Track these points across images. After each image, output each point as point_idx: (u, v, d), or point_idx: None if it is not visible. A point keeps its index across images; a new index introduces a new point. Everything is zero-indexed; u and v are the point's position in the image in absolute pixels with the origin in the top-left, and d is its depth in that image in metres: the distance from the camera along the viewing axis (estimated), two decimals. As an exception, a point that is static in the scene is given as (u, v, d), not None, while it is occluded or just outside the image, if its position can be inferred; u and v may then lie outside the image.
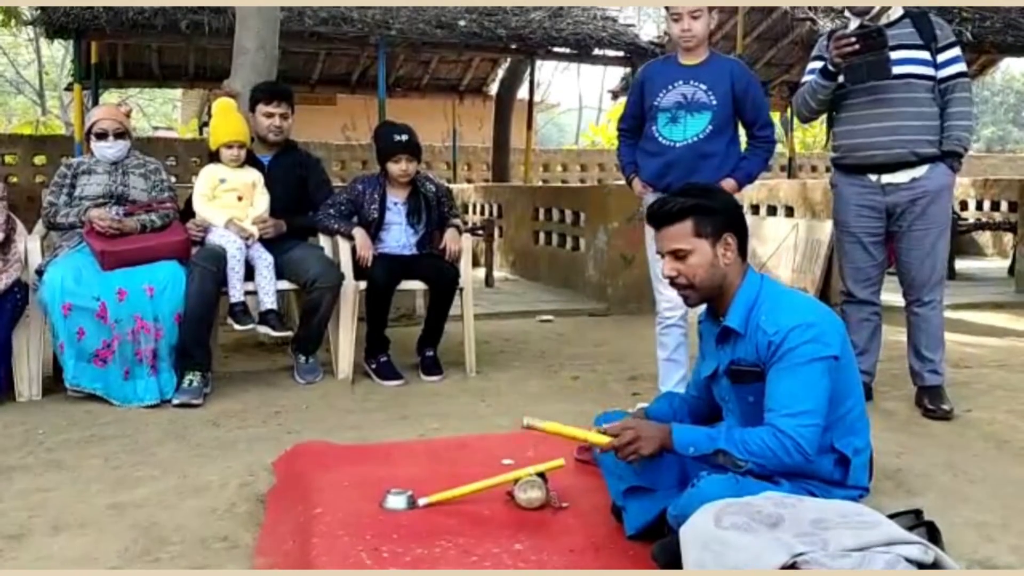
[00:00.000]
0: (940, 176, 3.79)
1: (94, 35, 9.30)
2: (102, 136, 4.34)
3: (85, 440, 3.53)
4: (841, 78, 3.74)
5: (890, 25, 3.77)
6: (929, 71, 3.74)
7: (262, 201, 4.48)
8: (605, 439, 2.47)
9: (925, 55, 3.74)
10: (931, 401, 3.84)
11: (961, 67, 3.79)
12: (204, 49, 10.52)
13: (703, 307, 2.66)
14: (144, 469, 3.18)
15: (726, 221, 2.49)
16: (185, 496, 2.91)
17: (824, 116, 4.00)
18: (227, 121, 4.47)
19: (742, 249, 2.53)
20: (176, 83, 13.62)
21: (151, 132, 22.23)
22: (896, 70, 3.68)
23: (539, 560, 2.31)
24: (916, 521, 2.36)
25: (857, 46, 3.62)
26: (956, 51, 3.79)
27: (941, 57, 3.75)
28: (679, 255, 2.49)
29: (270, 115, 4.63)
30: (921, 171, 3.77)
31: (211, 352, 4.31)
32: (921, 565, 1.87)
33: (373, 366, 4.41)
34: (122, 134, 4.39)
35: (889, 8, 3.81)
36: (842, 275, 4.06)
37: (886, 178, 3.81)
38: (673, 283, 2.55)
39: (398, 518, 2.57)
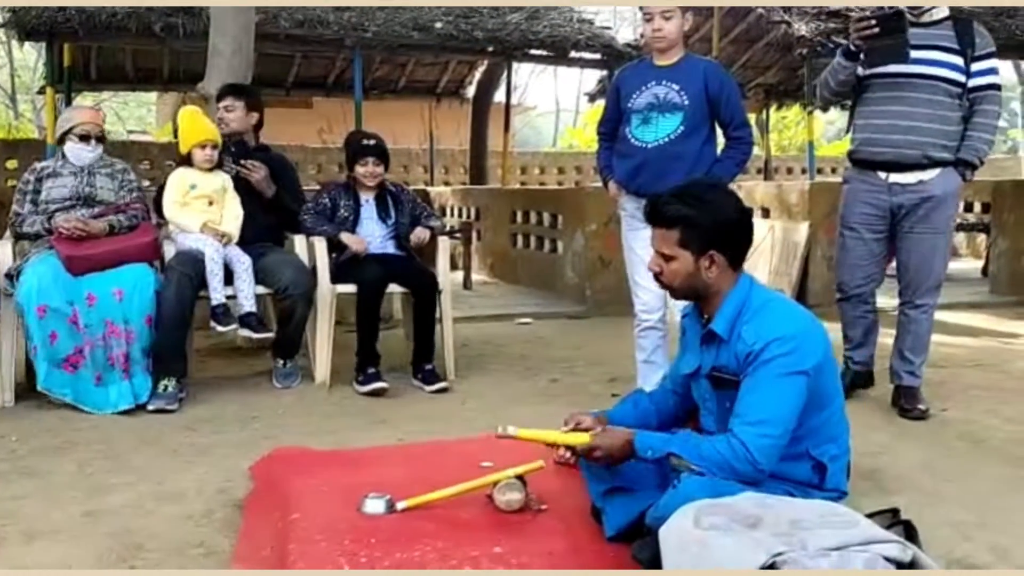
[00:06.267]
0: (948, 182, 3.78)
1: (67, 37, 9.18)
2: (85, 138, 4.30)
3: (58, 446, 3.48)
4: (862, 59, 3.76)
5: (931, 24, 3.77)
6: (959, 77, 3.72)
7: (232, 205, 4.44)
8: (583, 437, 2.48)
9: (958, 60, 3.72)
10: (907, 401, 3.87)
11: (994, 79, 3.78)
12: (179, 52, 10.41)
13: (687, 302, 2.66)
14: (119, 476, 3.14)
15: (713, 239, 2.45)
16: (161, 503, 2.88)
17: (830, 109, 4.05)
18: (195, 123, 4.43)
19: (736, 259, 2.50)
20: (150, 86, 13.50)
21: (126, 136, 22.06)
22: (924, 70, 3.69)
23: (519, 563, 2.31)
24: (893, 520, 2.38)
25: (876, 28, 3.62)
26: (992, 62, 3.78)
27: (975, 66, 3.74)
28: (664, 257, 2.50)
29: (220, 111, 4.72)
30: (930, 174, 3.76)
31: (187, 357, 4.27)
32: (899, 564, 1.88)
33: (360, 378, 4.35)
34: (101, 138, 4.37)
35: (933, 8, 3.78)
36: (838, 271, 4.06)
37: (894, 177, 3.80)
38: (656, 278, 2.58)
39: (376, 523, 2.56)
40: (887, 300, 4.12)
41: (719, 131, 3.86)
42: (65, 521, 2.73)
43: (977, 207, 9.99)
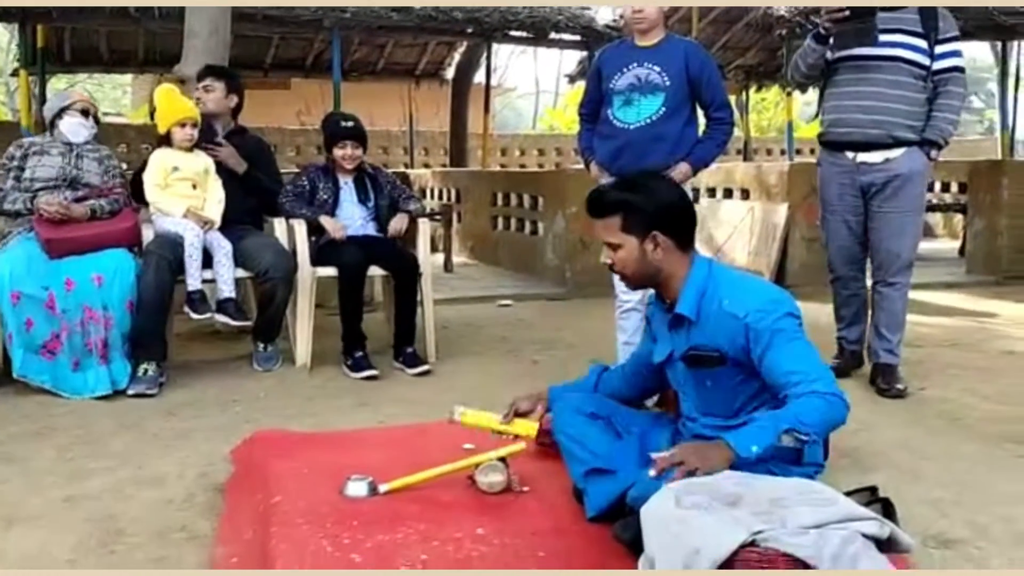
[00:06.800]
0: (914, 161, 3.85)
1: (40, 19, 9.08)
2: (85, 113, 4.31)
3: (37, 432, 3.46)
4: (831, 43, 3.86)
5: (897, 8, 3.83)
6: (922, 59, 3.80)
7: (215, 188, 4.41)
8: (531, 427, 2.61)
9: (922, 43, 3.80)
10: (884, 380, 3.91)
11: (958, 61, 3.85)
12: (154, 33, 10.31)
13: (652, 291, 2.68)
14: (99, 461, 3.12)
15: (654, 220, 2.48)
16: (142, 487, 2.87)
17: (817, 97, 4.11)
18: (173, 101, 4.38)
19: (682, 241, 2.52)
20: (126, 68, 13.35)
21: (102, 118, 21.77)
22: (889, 52, 3.77)
23: (501, 543, 2.31)
24: (872, 498, 2.40)
25: (847, 12, 3.72)
26: (956, 45, 3.86)
27: (939, 49, 3.81)
28: (611, 246, 2.53)
29: (199, 91, 4.71)
30: (895, 153, 3.84)
31: (167, 341, 4.25)
32: (877, 540, 1.90)
33: (349, 363, 4.35)
34: (89, 113, 4.38)
35: None
36: (828, 253, 4.14)
37: (861, 157, 3.89)
38: (611, 269, 2.60)
39: (358, 505, 2.56)
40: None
41: (700, 113, 3.87)
42: (45, 506, 2.71)
43: (954, 187, 10.07)
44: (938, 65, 3.82)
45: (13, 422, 3.58)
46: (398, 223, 4.58)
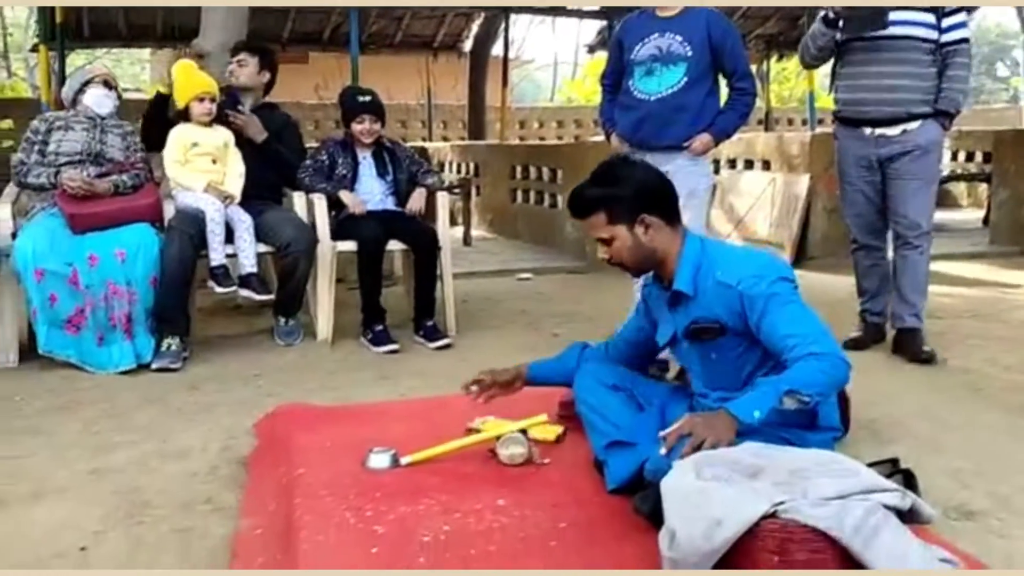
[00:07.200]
0: (930, 131, 3.94)
1: (59, -6, 9.07)
2: (107, 84, 4.34)
3: (63, 406, 3.50)
4: (840, 26, 3.93)
5: None
6: (931, 34, 3.89)
7: (235, 162, 4.42)
8: (553, 430, 2.69)
9: (930, 18, 3.88)
10: (911, 346, 3.95)
11: (964, 33, 3.95)
12: (172, 8, 10.31)
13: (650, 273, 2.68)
14: (124, 434, 3.16)
15: (638, 204, 2.49)
16: (166, 460, 2.90)
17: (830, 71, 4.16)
18: (191, 76, 4.39)
19: (670, 218, 2.53)
20: (144, 43, 13.34)
21: (122, 93, 21.82)
22: (899, 31, 3.86)
23: (522, 515, 2.33)
24: (893, 469, 2.40)
25: None
26: (961, 17, 3.96)
27: (946, 22, 3.90)
28: (604, 241, 2.54)
29: (232, 64, 4.76)
30: (912, 125, 3.93)
31: (189, 316, 4.28)
32: (899, 511, 1.90)
33: (369, 336, 4.37)
34: (111, 86, 4.40)
35: None
36: (849, 225, 4.21)
37: (879, 131, 3.96)
38: (610, 263, 2.61)
39: (381, 477, 2.58)
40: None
41: (723, 84, 3.84)
42: (72, 479, 2.75)
43: (979, 156, 9.96)
44: (946, 38, 3.91)
45: (39, 396, 3.63)
46: (416, 201, 4.57)
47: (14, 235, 4.07)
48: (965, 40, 3.94)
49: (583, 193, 2.55)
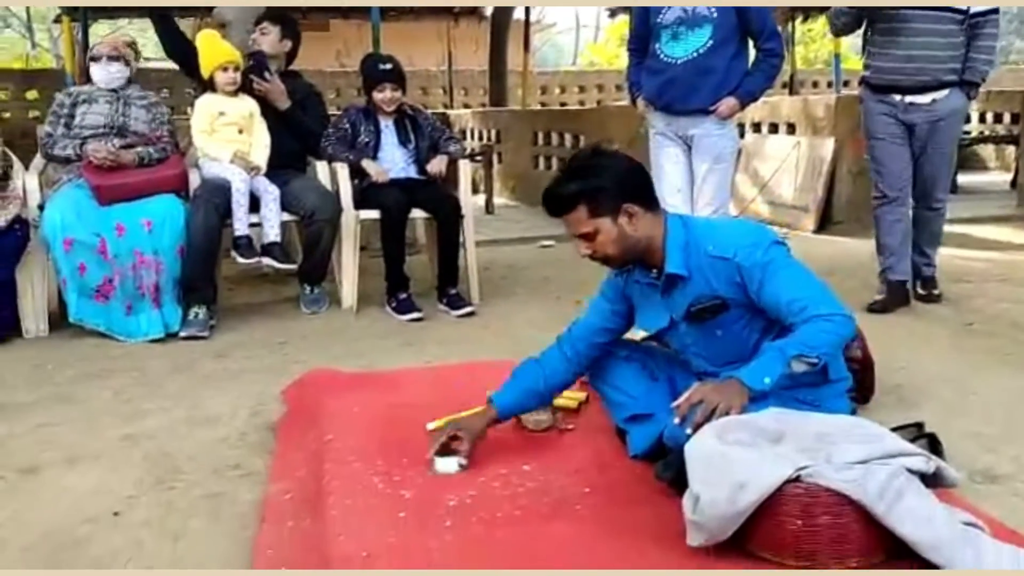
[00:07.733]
0: (956, 100, 4.08)
1: (81, -35, 9.08)
2: (96, 59, 4.33)
3: (94, 374, 3.56)
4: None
5: None
6: (961, 4, 3.95)
7: (261, 132, 4.43)
8: (577, 396, 2.70)
9: None
10: (924, 287, 4.35)
11: (994, 2, 4.00)
12: (193, -23, 10.28)
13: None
14: (154, 401, 3.22)
15: (620, 194, 2.38)
16: (196, 426, 2.95)
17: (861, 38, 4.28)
18: (215, 46, 4.40)
19: (650, 203, 2.44)
20: (166, 13, 13.36)
21: (144, 63, 21.87)
22: (930, 1, 3.91)
23: (546, 480, 2.36)
24: (918, 433, 2.40)
25: None
26: None
27: None
28: (586, 236, 2.43)
29: (256, 32, 4.79)
30: (941, 93, 4.04)
31: (216, 285, 4.32)
32: (923, 476, 1.91)
33: (393, 304, 4.40)
34: (116, 58, 4.35)
35: None
36: (875, 179, 4.31)
37: (909, 98, 4.07)
38: (593, 259, 2.50)
39: (408, 443, 2.60)
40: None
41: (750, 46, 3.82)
42: (104, 445, 2.81)
43: (1007, 118, 9.80)
44: (976, 8, 3.95)
45: (71, 365, 3.69)
46: (437, 164, 4.58)
47: (41, 207, 4.11)
48: (995, 10, 3.99)
49: (561, 189, 2.42)
